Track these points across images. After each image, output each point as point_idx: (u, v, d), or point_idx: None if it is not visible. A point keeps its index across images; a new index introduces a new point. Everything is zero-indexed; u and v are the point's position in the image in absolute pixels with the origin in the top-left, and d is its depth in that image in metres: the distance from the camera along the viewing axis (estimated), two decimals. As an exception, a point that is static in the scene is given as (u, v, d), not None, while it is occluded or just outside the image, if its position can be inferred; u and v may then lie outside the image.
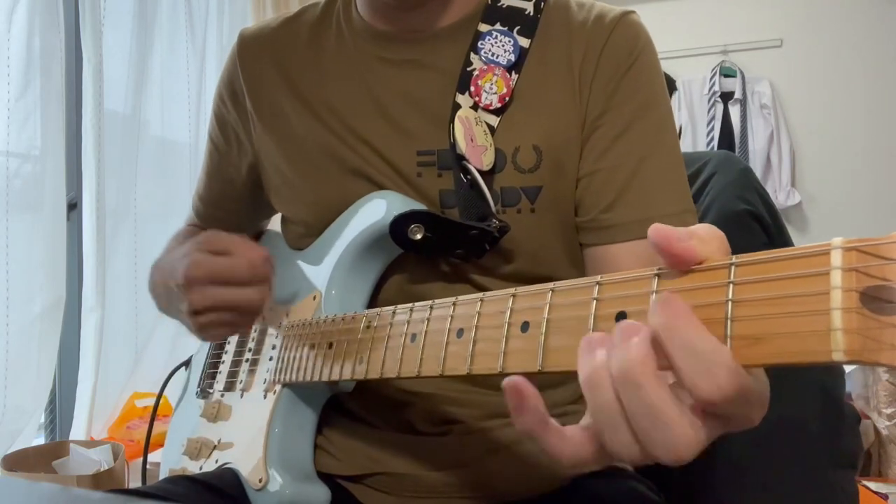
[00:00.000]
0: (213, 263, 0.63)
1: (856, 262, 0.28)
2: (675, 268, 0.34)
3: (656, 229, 0.34)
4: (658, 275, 0.35)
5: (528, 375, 0.40)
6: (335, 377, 0.60)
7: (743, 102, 3.48)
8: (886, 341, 0.27)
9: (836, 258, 0.29)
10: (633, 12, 0.71)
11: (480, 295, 0.46)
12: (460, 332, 0.46)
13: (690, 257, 0.34)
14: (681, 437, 0.32)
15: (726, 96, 3.51)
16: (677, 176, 0.68)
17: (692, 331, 0.31)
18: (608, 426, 0.34)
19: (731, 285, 0.32)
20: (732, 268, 0.32)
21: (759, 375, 0.35)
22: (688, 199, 0.68)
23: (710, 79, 3.54)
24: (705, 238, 0.34)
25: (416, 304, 0.52)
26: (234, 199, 0.85)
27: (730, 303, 0.32)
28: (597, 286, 0.38)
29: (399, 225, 0.65)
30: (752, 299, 0.31)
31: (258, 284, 0.63)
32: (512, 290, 0.43)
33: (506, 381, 0.36)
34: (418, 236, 0.65)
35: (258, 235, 0.92)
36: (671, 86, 3.58)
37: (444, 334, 0.47)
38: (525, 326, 0.41)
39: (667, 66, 3.61)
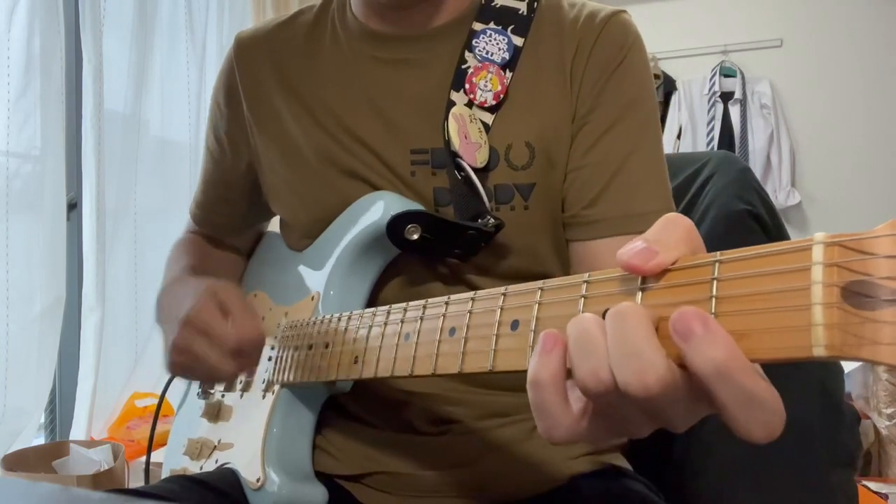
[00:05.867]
0: (210, 320, 0.64)
1: (837, 258, 0.28)
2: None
3: (620, 260, 0.35)
4: None
5: (518, 373, 0.40)
6: (332, 378, 0.61)
7: (743, 102, 3.48)
8: (867, 336, 0.27)
9: (818, 253, 0.29)
10: (623, 11, 0.72)
11: (472, 294, 0.46)
12: (452, 331, 0.46)
13: (659, 271, 0.34)
14: (651, 365, 0.32)
15: (726, 96, 3.51)
16: (660, 173, 0.69)
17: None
18: (584, 352, 0.34)
19: (714, 282, 0.32)
20: (717, 264, 0.32)
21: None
22: (668, 197, 0.68)
23: (710, 79, 3.54)
24: (669, 243, 0.35)
25: (410, 303, 0.52)
26: (233, 202, 0.85)
27: (714, 299, 0.32)
28: (585, 284, 0.38)
29: (396, 225, 0.66)
30: (736, 295, 0.31)
31: (239, 359, 0.64)
32: (502, 289, 0.43)
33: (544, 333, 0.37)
34: (415, 236, 0.66)
35: (258, 238, 0.92)
36: (671, 86, 3.58)
37: (437, 333, 0.47)
38: (515, 325, 0.42)
39: (667, 66, 3.59)
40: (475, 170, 0.66)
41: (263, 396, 0.72)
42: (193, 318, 0.63)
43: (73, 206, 1.94)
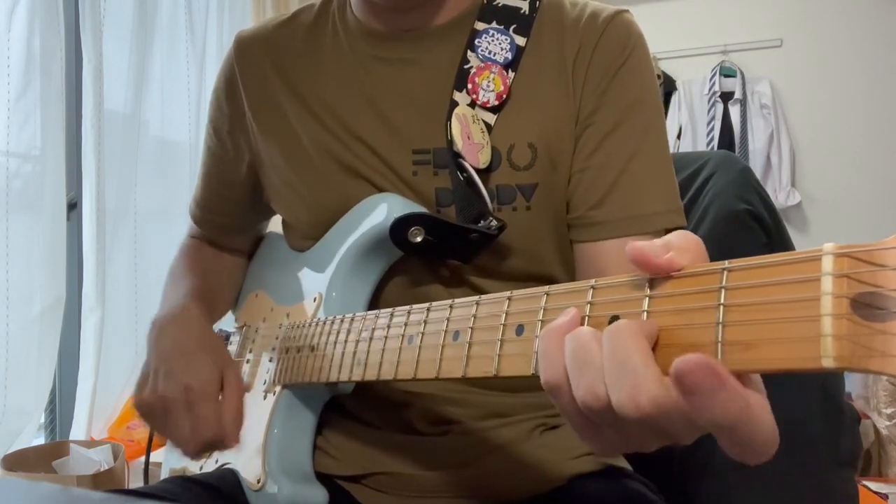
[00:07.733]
0: (204, 402, 0.63)
1: (847, 269, 0.28)
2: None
3: (633, 249, 0.35)
4: (651, 279, 0.35)
5: (522, 378, 0.40)
6: (333, 378, 0.61)
7: (743, 102, 3.48)
8: (877, 348, 0.27)
9: (828, 264, 0.29)
10: (626, 11, 0.72)
11: (476, 298, 0.46)
12: (456, 335, 0.46)
13: (670, 269, 0.35)
14: (642, 385, 0.32)
15: (726, 96, 3.51)
16: (665, 174, 0.68)
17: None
18: (580, 366, 0.35)
19: (723, 290, 0.32)
20: (725, 273, 0.32)
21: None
22: (675, 198, 0.68)
23: (710, 79, 3.54)
24: (682, 247, 0.35)
25: (414, 306, 0.52)
26: (234, 202, 0.85)
27: (721, 307, 0.32)
28: (591, 290, 0.38)
29: (399, 228, 0.65)
30: (744, 304, 0.31)
31: (203, 447, 0.64)
32: (507, 294, 0.43)
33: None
34: (418, 239, 0.65)
35: (258, 239, 0.92)
36: (671, 86, 3.58)
37: (441, 337, 0.47)
38: (520, 329, 0.41)
39: (667, 66, 3.57)
40: (477, 170, 0.66)
41: (265, 397, 0.72)
42: (190, 387, 0.63)
43: (73, 206, 1.94)
